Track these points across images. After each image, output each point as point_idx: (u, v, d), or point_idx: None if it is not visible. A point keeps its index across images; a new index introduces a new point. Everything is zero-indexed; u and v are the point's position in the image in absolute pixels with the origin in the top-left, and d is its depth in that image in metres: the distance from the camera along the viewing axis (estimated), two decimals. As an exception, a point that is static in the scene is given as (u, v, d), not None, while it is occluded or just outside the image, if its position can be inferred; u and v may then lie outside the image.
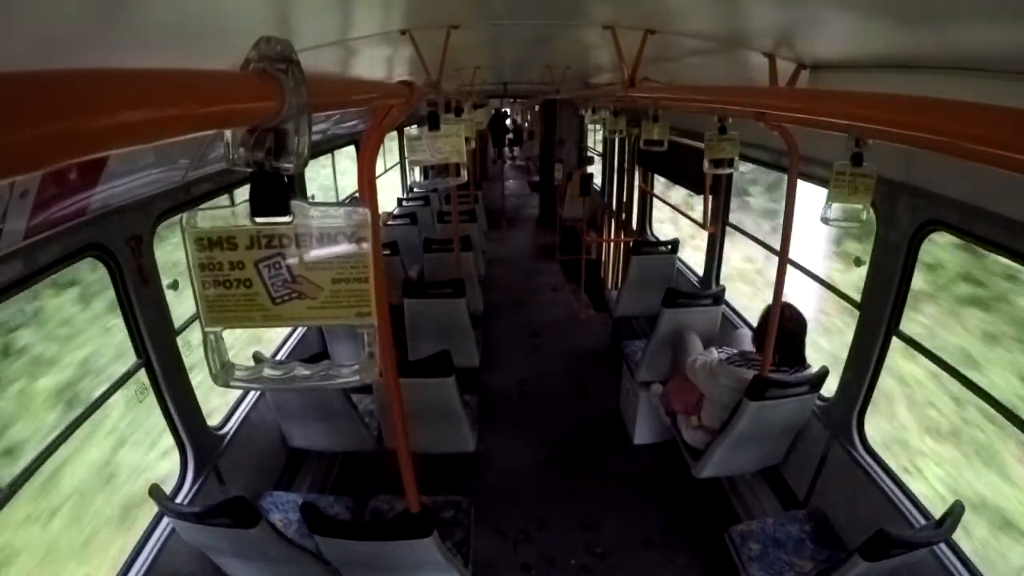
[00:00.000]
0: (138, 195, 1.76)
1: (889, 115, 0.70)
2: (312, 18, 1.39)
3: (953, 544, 1.65)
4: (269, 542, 1.51)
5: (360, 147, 3.73)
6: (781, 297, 2.05)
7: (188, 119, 0.37)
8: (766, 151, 2.68)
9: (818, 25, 1.34)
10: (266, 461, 2.51)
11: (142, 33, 0.95)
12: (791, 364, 2.19)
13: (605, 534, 2.65)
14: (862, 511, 2.00)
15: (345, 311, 0.55)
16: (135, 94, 0.32)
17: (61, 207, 1.38)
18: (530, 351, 4.48)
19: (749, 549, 2.00)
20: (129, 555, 1.72)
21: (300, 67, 0.46)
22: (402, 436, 1.31)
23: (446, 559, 1.50)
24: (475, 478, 3.00)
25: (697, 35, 1.75)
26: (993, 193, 1.48)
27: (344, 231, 0.52)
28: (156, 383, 1.91)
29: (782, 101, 1.12)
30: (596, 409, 3.67)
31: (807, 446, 2.34)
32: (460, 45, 2.10)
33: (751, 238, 3.33)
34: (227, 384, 0.56)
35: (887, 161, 1.76)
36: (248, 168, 0.47)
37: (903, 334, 1.95)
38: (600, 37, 1.93)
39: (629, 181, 5.43)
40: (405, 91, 1.13)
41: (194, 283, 0.52)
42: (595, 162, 7.54)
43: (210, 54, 1.22)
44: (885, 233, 1.94)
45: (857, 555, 1.41)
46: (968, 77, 1.16)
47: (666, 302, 2.93)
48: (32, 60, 0.80)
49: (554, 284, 6.00)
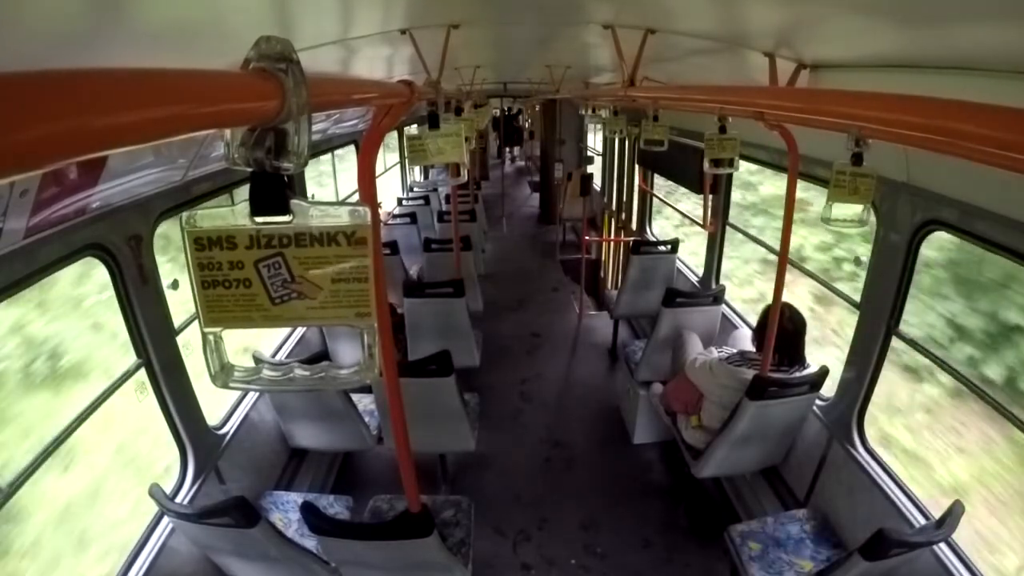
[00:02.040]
0: (138, 195, 1.76)
1: (889, 115, 0.70)
2: (312, 18, 1.39)
3: (953, 544, 1.65)
4: (269, 542, 1.51)
5: (360, 147, 3.73)
6: (781, 297, 2.05)
7: (188, 119, 0.37)
8: (766, 151, 2.69)
9: (818, 25, 1.34)
10: (266, 461, 2.51)
11: (142, 33, 0.95)
12: (791, 364, 2.19)
13: (605, 534, 2.65)
14: (862, 511, 2.00)
15: (345, 311, 0.55)
16: (135, 94, 0.32)
17: (61, 206, 1.38)
18: (530, 351, 4.48)
19: (749, 549, 2.00)
20: (129, 555, 1.72)
21: (300, 67, 0.46)
22: (402, 436, 1.31)
23: (446, 559, 1.50)
24: (475, 478, 3.00)
25: (697, 35, 1.75)
26: (993, 193, 1.48)
27: (344, 231, 0.52)
28: (156, 383, 1.91)
29: (782, 101, 1.12)
30: (596, 409, 3.67)
31: (807, 446, 2.34)
32: (460, 45, 2.11)
33: (751, 238, 3.33)
34: (226, 385, 0.56)
35: (887, 161, 1.76)
36: (248, 167, 0.47)
37: (903, 334, 1.95)
38: (600, 37, 1.93)
39: (629, 181, 5.43)
40: (405, 91, 1.13)
41: (193, 283, 0.52)
42: (595, 162, 7.53)
43: (210, 54, 1.22)
44: (885, 233, 1.94)
45: (857, 555, 1.41)
46: (968, 77, 1.16)
47: (666, 302, 2.93)
48: (32, 60, 0.80)
49: (554, 284, 5.99)
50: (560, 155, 7.50)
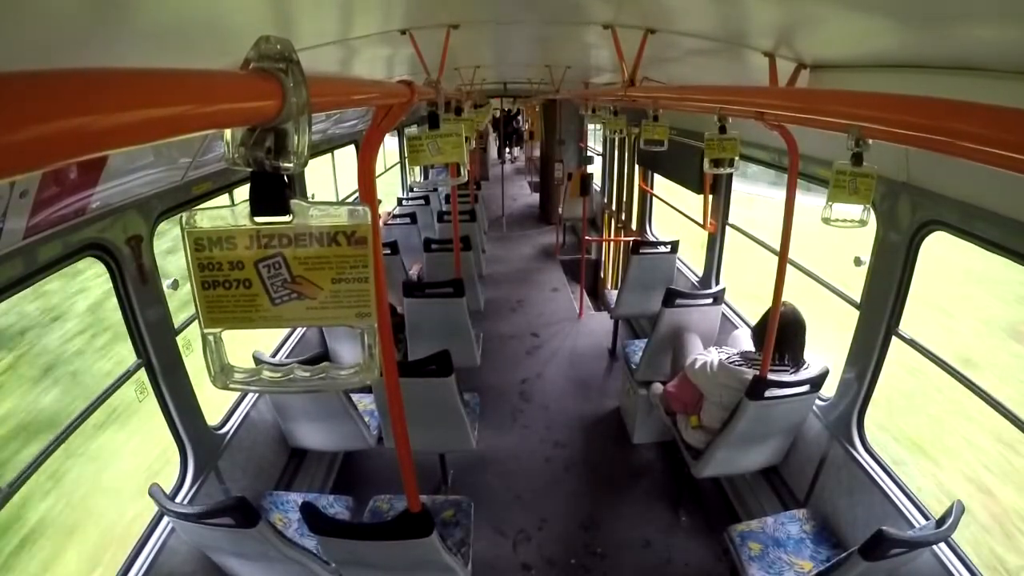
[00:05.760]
0: (138, 195, 1.76)
1: (889, 115, 0.70)
2: (312, 18, 1.39)
3: (953, 544, 1.65)
4: (269, 542, 1.51)
5: (360, 147, 3.73)
6: (781, 297, 2.05)
7: (188, 119, 0.37)
8: (766, 151, 2.69)
9: (818, 25, 1.34)
10: (266, 461, 2.51)
11: (142, 33, 0.95)
12: (791, 364, 2.19)
13: (605, 534, 2.65)
14: (862, 511, 2.00)
15: (345, 311, 0.54)
16: (135, 94, 0.32)
17: (61, 206, 1.38)
18: (530, 351, 4.48)
19: (749, 549, 2.00)
20: (129, 555, 1.72)
21: (300, 67, 0.46)
22: (402, 436, 1.31)
23: (446, 559, 1.50)
24: (475, 478, 3.00)
25: (697, 35, 1.75)
26: (993, 193, 1.48)
27: (344, 231, 0.52)
28: (156, 383, 1.91)
29: (782, 101, 1.12)
30: (596, 409, 3.67)
31: (807, 446, 2.34)
32: (460, 45, 2.10)
33: (751, 238, 3.33)
34: (225, 386, 0.56)
35: (887, 161, 1.76)
36: (248, 167, 0.47)
37: (903, 335, 1.95)
38: (600, 37, 1.93)
39: (629, 181, 5.43)
40: (405, 91, 1.13)
41: (193, 283, 0.52)
42: (595, 162, 7.53)
43: (210, 54, 1.22)
44: (885, 233, 1.94)
45: (857, 555, 1.41)
46: (968, 77, 1.16)
47: (666, 302, 2.93)
48: (32, 60, 0.80)
49: (554, 284, 5.99)
50: (560, 155, 7.50)
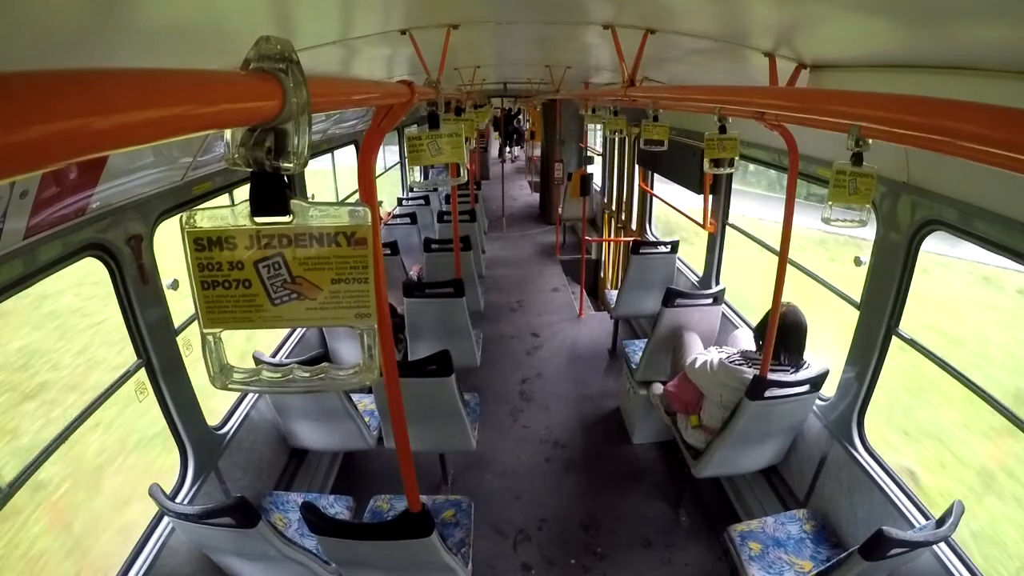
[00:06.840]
0: (138, 195, 1.76)
1: (889, 115, 0.70)
2: (312, 18, 1.39)
3: (953, 544, 1.65)
4: (269, 542, 1.51)
5: (360, 147, 3.73)
6: (781, 297, 2.05)
7: (188, 119, 0.37)
8: (766, 151, 2.69)
9: (818, 25, 1.34)
10: (266, 461, 2.51)
11: (142, 33, 0.95)
12: (791, 364, 2.19)
13: (605, 534, 2.65)
14: (862, 511, 2.00)
15: (345, 312, 0.54)
16: (135, 94, 0.32)
17: (61, 207, 1.38)
18: (530, 351, 4.48)
19: (749, 549, 2.00)
20: (129, 555, 1.72)
21: (300, 67, 0.46)
22: (402, 436, 1.31)
23: (446, 559, 1.50)
24: (475, 478, 3.00)
25: (697, 35, 1.75)
26: (993, 193, 1.48)
27: (344, 231, 0.52)
28: (156, 383, 1.91)
29: (782, 101, 1.12)
30: (596, 409, 3.67)
31: (807, 446, 2.34)
32: (460, 45, 2.10)
33: (751, 238, 3.33)
34: (225, 387, 0.56)
35: (887, 161, 1.76)
36: (248, 168, 0.47)
37: (903, 334, 1.95)
38: (600, 37, 1.93)
39: (629, 181, 5.43)
40: (405, 91, 1.13)
41: (192, 283, 0.52)
42: (595, 162, 7.53)
43: (210, 54, 1.22)
44: (885, 233, 1.94)
45: (857, 555, 1.41)
46: (968, 77, 1.16)
47: (666, 302, 2.93)
48: (32, 60, 0.80)
49: (554, 284, 5.99)
50: (560, 155, 7.50)
